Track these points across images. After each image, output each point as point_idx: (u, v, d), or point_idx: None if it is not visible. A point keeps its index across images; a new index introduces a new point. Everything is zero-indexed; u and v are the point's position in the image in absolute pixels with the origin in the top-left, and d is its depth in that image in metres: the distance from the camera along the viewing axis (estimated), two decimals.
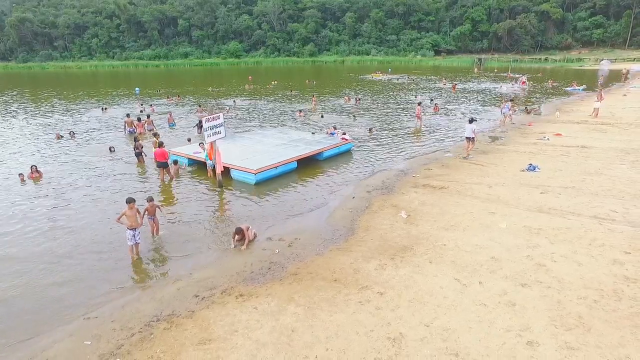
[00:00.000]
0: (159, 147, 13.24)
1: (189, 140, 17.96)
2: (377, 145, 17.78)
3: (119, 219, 8.40)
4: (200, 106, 27.76)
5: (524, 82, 38.60)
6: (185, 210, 11.09)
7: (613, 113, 23.22)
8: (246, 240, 8.79)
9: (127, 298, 7.14)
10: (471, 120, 15.46)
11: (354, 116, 24.48)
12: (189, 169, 14.70)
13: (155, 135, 14.93)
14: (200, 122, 19.13)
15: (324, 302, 6.61)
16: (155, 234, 9.41)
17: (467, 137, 15.30)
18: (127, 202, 8.39)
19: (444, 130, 20.80)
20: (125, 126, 21.12)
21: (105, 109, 28.45)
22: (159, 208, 9.47)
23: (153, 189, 12.75)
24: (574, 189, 11.32)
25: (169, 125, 22.40)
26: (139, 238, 8.45)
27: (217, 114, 12.19)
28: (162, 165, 13.14)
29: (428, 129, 21.05)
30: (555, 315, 6.02)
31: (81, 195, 12.31)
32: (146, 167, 14.99)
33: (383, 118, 24.37)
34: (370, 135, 19.48)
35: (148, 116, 22.21)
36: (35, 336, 6.20)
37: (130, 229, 8.25)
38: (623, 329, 5.65)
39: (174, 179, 13.54)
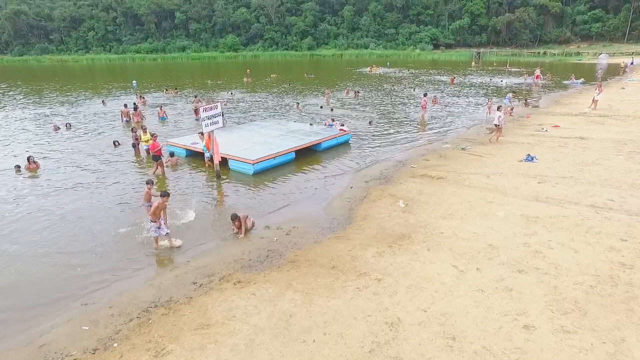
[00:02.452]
0: (152, 139, 13.03)
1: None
2: (375, 136, 17.76)
3: (153, 213, 8.00)
4: (196, 97, 28.34)
5: (538, 76, 36.83)
6: (183, 200, 11.06)
7: (611, 105, 23.23)
8: (243, 229, 8.79)
9: (125, 285, 7.14)
10: (499, 108, 16.28)
11: (332, 109, 24.00)
12: (183, 160, 14.58)
13: (144, 129, 14.83)
14: (197, 109, 19.41)
15: (322, 289, 6.62)
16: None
17: (495, 125, 16.08)
18: (161, 196, 8.17)
19: (442, 122, 20.78)
20: (122, 116, 21.64)
21: (105, 102, 28.18)
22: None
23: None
24: (572, 179, 11.35)
25: (160, 119, 22.10)
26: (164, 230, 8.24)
27: (215, 104, 12.13)
28: (155, 159, 12.89)
29: (427, 120, 21.01)
30: (551, 300, 6.05)
31: (77, 185, 12.25)
32: (143, 158, 14.93)
33: (380, 110, 24.30)
34: (370, 127, 19.42)
35: (136, 108, 22.11)
36: (33, 322, 6.20)
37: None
38: (619, 313, 5.69)
39: (172, 170, 13.45)
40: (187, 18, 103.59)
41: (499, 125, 15.89)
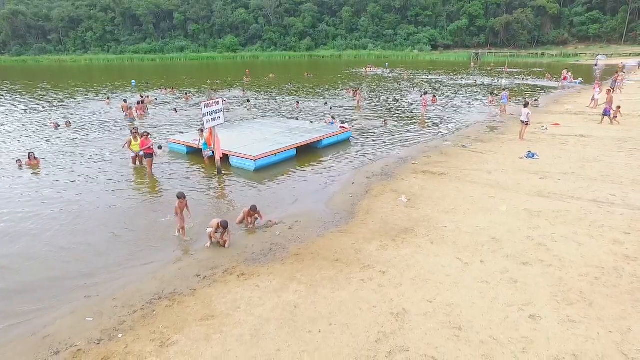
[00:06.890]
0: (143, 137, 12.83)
1: None
2: (376, 134, 17.76)
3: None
4: (186, 94, 30.08)
5: (565, 78, 35.62)
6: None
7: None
8: (261, 220, 8.91)
9: (128, 278, 7.10)
10: (526, 105, 16.04)
11: (326, 103, 25.96)
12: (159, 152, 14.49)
13: (134, 134, 14.69)
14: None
15: (326, 280, 6.61)
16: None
17: (522, 121, 15.80)
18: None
19: (442, 120, 20.81)
20: (123, 110, 22.58)
21: (109, 100, 28.06)
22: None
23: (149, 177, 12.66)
24: (573, 175, 11.37)
25: (129, 120, 21.54)
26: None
27: (216, 100, 12.10)
28: (144, 156, 12.74)
29: (427, 118, 21.07)
30: (556, 291, 6.05)
31: (77, 182, 12.19)
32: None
33: (381, 110, 24.32)
34: (385, 127, 19.30)
35: (140, 102, 22.60)
36: (36, 314, 6.15)
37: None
38: (624, 303, 5.69)
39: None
40: (185, 19, 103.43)
41: (527, 122, 15.60)
